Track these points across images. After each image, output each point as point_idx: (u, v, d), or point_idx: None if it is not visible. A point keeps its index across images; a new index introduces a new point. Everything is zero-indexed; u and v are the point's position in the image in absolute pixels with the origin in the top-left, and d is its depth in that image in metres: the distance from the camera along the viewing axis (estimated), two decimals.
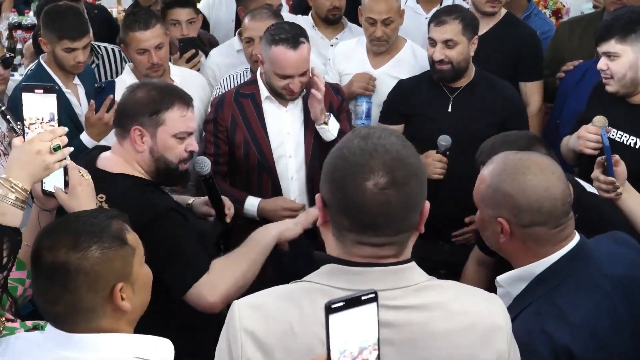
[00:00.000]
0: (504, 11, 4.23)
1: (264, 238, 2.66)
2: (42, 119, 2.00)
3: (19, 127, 2.95)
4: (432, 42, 3.64)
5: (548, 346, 1.90)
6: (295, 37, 3.32)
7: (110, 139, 3.03)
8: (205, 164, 2.81)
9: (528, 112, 3.98)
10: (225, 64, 4.28)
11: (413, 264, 1.64)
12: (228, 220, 2.96)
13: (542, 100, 4.18)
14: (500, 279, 2.11)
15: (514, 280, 2.07)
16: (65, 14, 3.70)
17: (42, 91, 1.98)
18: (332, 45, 4.43)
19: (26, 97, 2.00)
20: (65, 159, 2.00)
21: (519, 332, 1.82)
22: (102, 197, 2.51)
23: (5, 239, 1.89)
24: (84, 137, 3.50)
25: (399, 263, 1.61)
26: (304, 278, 1.66)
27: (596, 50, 4.00)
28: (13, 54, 3.96)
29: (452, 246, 3.66)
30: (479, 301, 1.68)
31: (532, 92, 4.14)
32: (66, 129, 2.00)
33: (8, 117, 3.17)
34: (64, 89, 3.75)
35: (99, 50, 4.39)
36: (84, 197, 2.17)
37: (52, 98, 1.99)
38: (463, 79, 3.70)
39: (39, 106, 1.99)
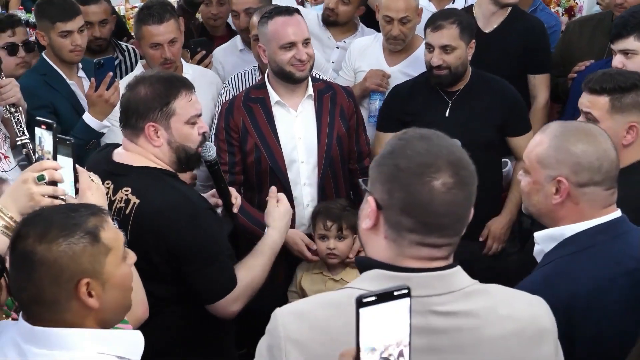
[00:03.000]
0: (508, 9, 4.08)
1: (273, 244, 2.76)
2: (43, 148, 2.08)
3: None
4: (430, 48, 3.51)
5: (548, 298, 1.86)
6: (288, 8, 3.30)
7: (116, 136, 2.96)
8: (210, 149, 2.69)
9: (535, 105, 3.89)
10: (230, 63, 4.16)
11: (459, 267, 1.59)
12: (235, 210, 2.87)
13: (549, 93, 4.07)
14: (537, 235, 2.16)
15: (547, 239, 2.12)
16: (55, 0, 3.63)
17: (44, 127, 2.07)
18: (337, 48, 4.27)
19: (39, 132, 2.10)
20: (57, 197, 1.98)
21: (528, 282, 1.95)
22: (127, 190, 2.49)
23: None
24: (87, 117, 3.41)
25: (447, 267, 1.56)
26: (347, 285, 1.61)
27: (606, 50, 3.95)
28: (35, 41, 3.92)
29: (460, 245, 3.54)
30: (524, 305, 1.64)
31: (541, 84, 3.99)
32: (56, 164, 2.01)
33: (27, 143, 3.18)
34: (68, 80, 3.68)
35: (122, 48, 4.36)
36: (93, 201, 2.09)
37: (50, 134, 2.06)
38: (460, 82, 3.57)
39: (47, 140, 2.08)
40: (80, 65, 3.77)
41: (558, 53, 4.24)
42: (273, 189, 2.92)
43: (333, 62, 4.23)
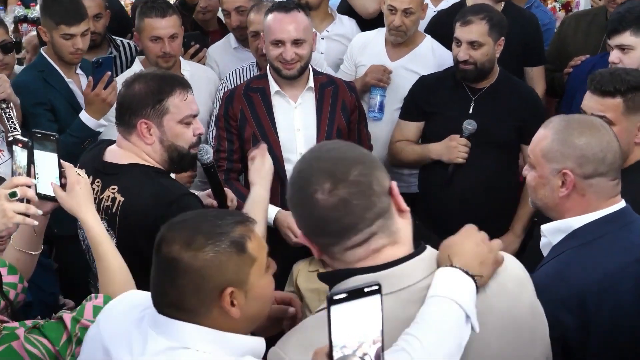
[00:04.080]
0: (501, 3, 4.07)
1: (264, 202, 2.63)
2: (22, 167, 2.09)
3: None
4: (458, 42, 3.46)
5: (562, 290, 1.94)
6: (289, 4, 3.26)
7: (115, 133, 2.95)
8: (207, 152, 2.66)
9: None
10: (224, 61, 4.12)
11: (425, 252, 1.60)
12: None
13: (545, 84, 4.09)
14: (544, 227, 2.16)
15: (554, 231, 2.12)
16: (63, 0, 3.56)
17: (20, 145, 2.08)
18: (322, 39, 4.20)
19: (15, 148, 2.09)
20: (29, 215, 1.98)
21: (541, 275, 1.96)
22: (114, 189, 2.45)
23: None
24: (83, 116, 3.36)
25: (413, 255, 1.57)
26: None
27: (601, 45, 3.96)
28: (14, 40, 3.86)
29: None
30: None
31: (538, 76, 4.01)
32: (29, 180, 2.02)
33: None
34: (65, 78, 3.63)
35: (117, 43, 4.29)
36: (82, 195, 2.10)
37: (24, 152, 2.06)
38: (486, 80, 3.53)
39: (20, 155, 2.09)
40: None
41: (554, 48, 4.23)
42: (263, 145, 2.71)
43: (322, 53, 4.17)
